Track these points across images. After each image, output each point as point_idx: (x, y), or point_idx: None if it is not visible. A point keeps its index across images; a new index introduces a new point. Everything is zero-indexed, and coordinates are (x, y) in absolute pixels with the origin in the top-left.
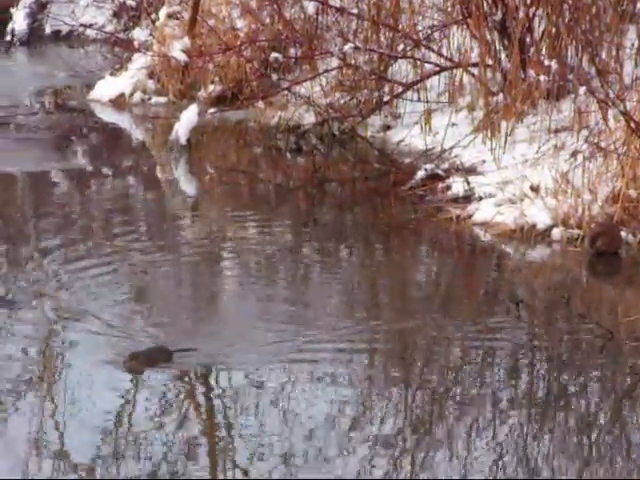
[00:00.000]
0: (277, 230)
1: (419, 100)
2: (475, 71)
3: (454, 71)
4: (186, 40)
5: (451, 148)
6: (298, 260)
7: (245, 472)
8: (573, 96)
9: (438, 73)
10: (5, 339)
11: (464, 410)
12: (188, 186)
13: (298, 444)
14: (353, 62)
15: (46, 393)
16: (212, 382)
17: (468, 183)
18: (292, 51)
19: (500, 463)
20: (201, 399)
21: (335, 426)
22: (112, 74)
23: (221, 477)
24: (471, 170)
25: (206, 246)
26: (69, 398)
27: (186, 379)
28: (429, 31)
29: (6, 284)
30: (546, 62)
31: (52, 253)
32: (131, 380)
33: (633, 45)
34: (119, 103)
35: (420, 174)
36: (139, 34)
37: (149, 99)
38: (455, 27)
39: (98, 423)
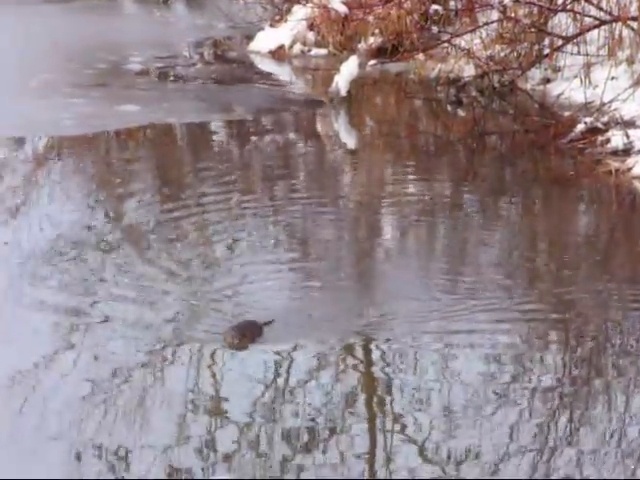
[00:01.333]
0: (436, 183)
1: (579, 53)
2: (635, 25)
3: (613, 25)
4: None
5: (610, 101)
6: (457, 215)
7: (403, 424)
8: None
9: (598, 27)
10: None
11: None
12: (348, 138)
13: (457, 399)
14: (513, 15)
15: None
16: (371, 346)
17: (628, 136)
18: (452, 3)
19: None
20: (358, 358)
21: (492, 385)
22: (272, 25)
23: (379, 427)
24: (630, 123)
25: (365, 198)
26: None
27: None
28: None
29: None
30: None
31: (209, 205)
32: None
33: None
34: (279, 55)
35: (580, 127)
36: None
37: (309, 51)
38: None
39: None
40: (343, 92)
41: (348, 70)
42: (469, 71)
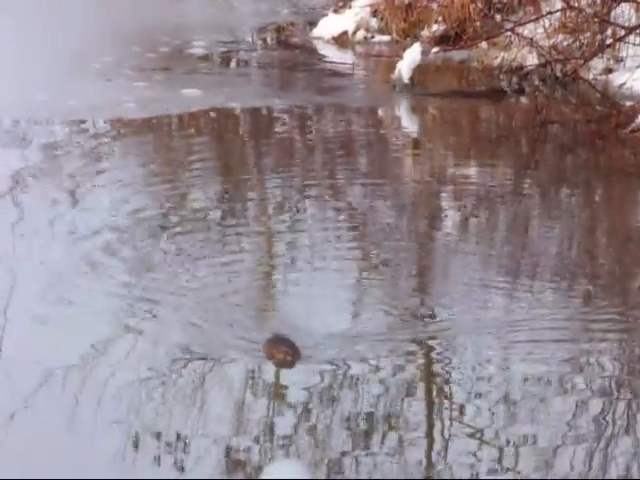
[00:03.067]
0: (498, 171)
1: None
2: None
3: None
4: None
5: None
6: (518, 204)
7: (461, 412)
8: None
9: None
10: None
11: None
12: (410, 124)
13: (514, 390)
14: (576, 4)
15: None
16: (430, 341)
17: None
18: None
19: None
20: (414, 349)
21: (552, 379)
22: (335, 11)
23: (435, 417)
24: None
25: (426, 184)
26: None
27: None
28: None
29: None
30: None
31: (269, 190)
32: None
33: None
34: (342, 41)
35: None
36: None
37: (372, 37)
38: None
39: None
40: (406, 79)
41: (411, 57)
42: (532, 60)
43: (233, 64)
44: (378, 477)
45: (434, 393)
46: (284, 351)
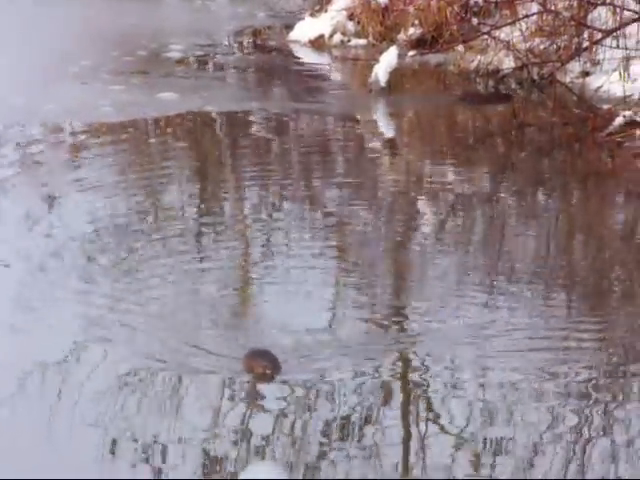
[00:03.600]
0: (475, 174)
1: (618, 47)
2: None
3: None
4: None
5: None
6: (495, 207)
7: (437, 416)
8: None
9: (637, 20)
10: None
11: None
12: (386, 128)
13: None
14: (553, 8)
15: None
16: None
17: None
18: None
19: None
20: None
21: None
22: (312, 15)
23: (412, 420)
24: None
25: (401, 187)
26: None
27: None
28: None
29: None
30: None
31: (245, 194)
32: None
33: None
34: (318, 44)
35: (618, 120)
36: None
37: (348, 41)
38: None
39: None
40: (382, 82)
41: (387, 61)
42: (508, 63)
43: (210, 68)
44: (356, 477)
45: (411, 397)
46: (263, 365)
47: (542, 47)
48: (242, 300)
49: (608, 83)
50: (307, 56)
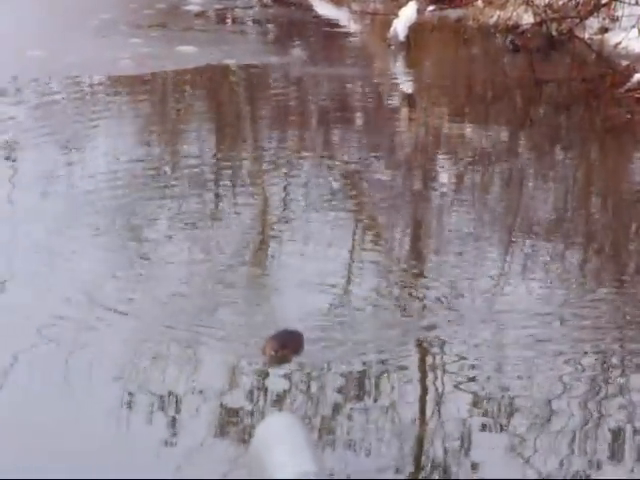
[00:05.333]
0: (493, 129)
1: (637, 3)
2: None
3: None
4: None
5: None
6: (513, 161)
7: (456, 371)
8: None
9: None
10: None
11: None
12: (405, 83)
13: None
14: None
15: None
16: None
17: None
18: None
19: None
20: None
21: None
22: None
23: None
24: None
25: (420, 142)
26: None
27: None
28: None
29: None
30: None
31: (262, 151)
32: None
33: None
34: None
35: (637, 77)
36: None
37: None
38: None
39: None
40: (401, 37)
41: (406, 15)
42: (527, 19)
43: (229, 21)
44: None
45: (427, 355)
46: (275, 348)
47: (561, 3)
48: (259, 259)
49: (627, 39)
50: (326, 10)
